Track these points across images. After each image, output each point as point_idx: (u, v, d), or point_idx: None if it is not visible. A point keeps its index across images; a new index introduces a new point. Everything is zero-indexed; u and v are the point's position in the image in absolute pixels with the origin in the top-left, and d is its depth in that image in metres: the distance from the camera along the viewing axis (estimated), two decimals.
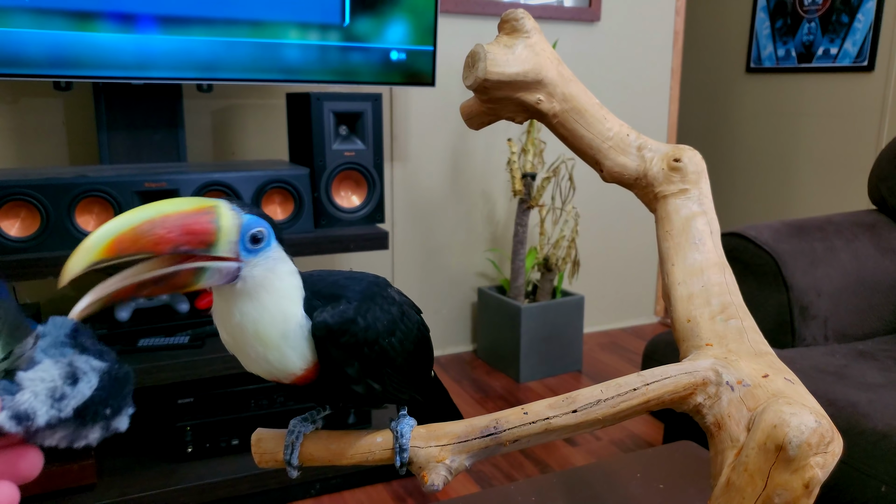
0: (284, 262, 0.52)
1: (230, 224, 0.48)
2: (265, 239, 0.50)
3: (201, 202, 0.47)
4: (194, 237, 0.46)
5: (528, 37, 0.69)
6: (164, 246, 0.45)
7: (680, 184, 0.70)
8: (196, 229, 0.46)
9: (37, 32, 1.53)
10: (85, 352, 0.42)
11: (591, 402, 0.56)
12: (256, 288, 0.50)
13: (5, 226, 1.44)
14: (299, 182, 1.68)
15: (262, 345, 0.51)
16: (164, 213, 0.45)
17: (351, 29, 1.80)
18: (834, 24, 2.98)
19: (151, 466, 1.61)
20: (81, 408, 0.40)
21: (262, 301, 0.50)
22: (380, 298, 0.57)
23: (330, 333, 0.52)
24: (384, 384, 0.57)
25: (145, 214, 0.45)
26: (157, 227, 0.45)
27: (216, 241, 0.47)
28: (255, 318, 0.50)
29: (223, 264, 0.48)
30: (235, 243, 0.48)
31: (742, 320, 0.62)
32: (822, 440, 0.49)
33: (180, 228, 0.45)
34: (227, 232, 0.48)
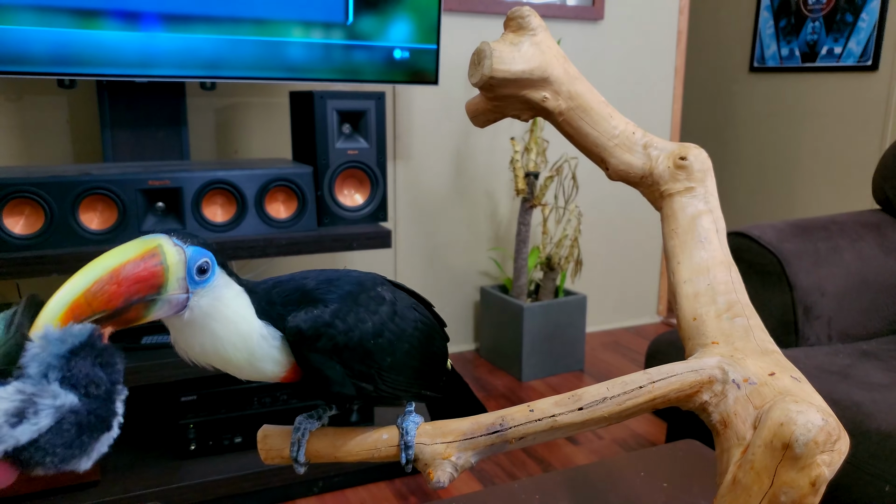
0: (229, 287, 0.52)
1: (176, 262, 0.49)
2: (210, 269, 0.51)
3: (145, 245, 0.48)
4: (144, 284, 0.47)
5: (535, 34, 0.69)
6: (116, 301, 0.46)
7: (686, 182, 0.70)
8: (144, 276, 0.47)
9: (41, 30, 1.53)
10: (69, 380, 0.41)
11: (598, 400, 0.56)
12: (204, 318, 0.51)
13: (9, 223, 1.44)
14: (302, 180, 1.68)
15: (233, 366, 0.53)
16: (111, 268, 0.46)
17: (354, 27, 1.79)
18: (838, 23, 2.98)
19: (154, 464, 1.61)
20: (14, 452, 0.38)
21: (213, 331, 0.51)
22: (365, 299, 0.56)
23: (303, 338, 0.52)
24: (376, 384, 0.57)
25: (93, 275, 0.46)
26: (106, 284, 0.46)
27: (165, 282, 0.48)
28: (214, 346, 0.52)
29: (172, 297, 0.49)
30: (183, 279, 0.49)
31: (748, 318, 0.62)
32: (829, 438, 0.49)
33: (130, 280, 0.47)
34: (174, 271, 0.49)
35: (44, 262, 1.44)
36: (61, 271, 1.45)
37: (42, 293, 1.64)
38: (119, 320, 0.48)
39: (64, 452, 0.40)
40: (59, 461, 0.40)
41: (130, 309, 0.48)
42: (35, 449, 0.39)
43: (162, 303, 0.49)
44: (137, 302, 0.47)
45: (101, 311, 0.46)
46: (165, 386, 1.64)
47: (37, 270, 1.44)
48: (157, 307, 0.49)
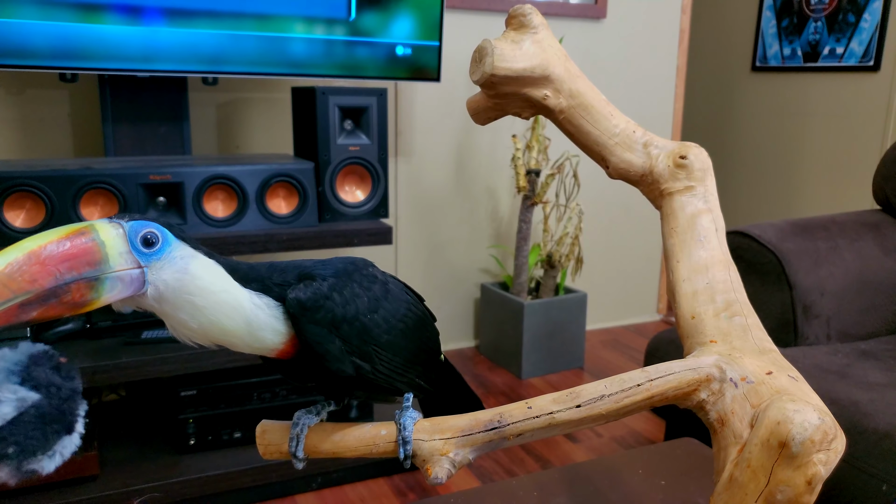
0: (195, 259, 0.50)
1: (112, 236, 0.46)
2: (160, 240, 0.48)
3: (73, 227, 0.46)
4: (76, 260, 0.45)
5: (536, 32, 0.69)
6: (43, 280, 0.44)
7: (686, 181, 0.70)
8: (74, 253, 0.45)
9: (43, 24, 1.53)
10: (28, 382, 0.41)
11: (595, 398, 0.57)
12: (176, 293, 0.48)
13: (10, 217, 1.44)
14: (304, 176, 1.68)
15: (234, 336, 0.51)
16: (28, 249, 0.44)
17: (357, 23, 1.79)
18: (840, 23, 2.97)
19: (154, 458, 1.61)
20: None
21: (193, 304, 0.49)
22: (358, 276, 0.57)
23: (304, 309, 0.52)
24: (374, 363, 0.57)
25: (8, 257, 0.43)
26: (25, 265, 0.43)
27: (103, 257, 0.46)
28: (206, 319, 0.49)
29: (122, 273, 0.46)
30: (128, 252, 0.47)
31: (746, 317, 0.62)
32: (826, 437, 0.49)
33: (55, 259, 0.44)
34: (112, 245, 0.46)
35: None
36: None
37: None
38: (62, 303, 0.45)
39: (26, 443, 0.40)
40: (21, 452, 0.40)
41: (71, 290, 0.45)
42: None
43: (112, 281, 0.46)
44: (74, 280, 0.45)
45: (23, 293, 0.43)
46: (165, 381, 1.65)
47: None
48: (106, 286, 0.46)
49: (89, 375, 1.45)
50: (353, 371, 0.56)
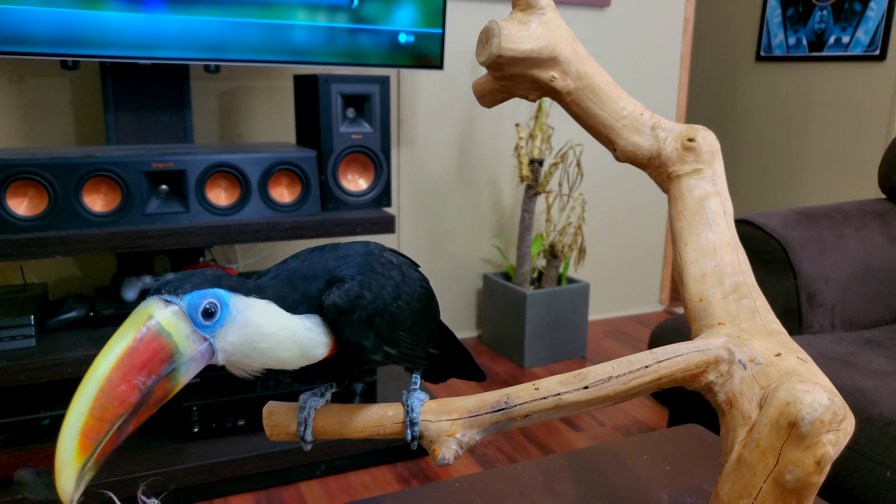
0: (252, 308, 0.50)
1: (174, 323, 0.46)
2: (218, 308, 0.48)
3: (136, 323, 0.45)
4: (154, 365, 0.45)
5: (543, 13, 0.68)
6: (131, 398, 0.44)
7: (694, 164, 0.69)
8: (148, 357, 0.45)
9: (44, 10, 1.52)
10: None
11: (603, 379, 0.56)
12: (243, 347, 0.49)
13: (13, 205, 1.44)
14: (306, 164, 1.68)
15: (287, 364, 0.53)
16: (109, 371, 0.43)
17: (359, 11, 1.78)
18: (846, 12, 2.95)
19: (158, 445, 1.62)
20: None
21: (261, 350, 0.50)
22: (378, 266, 0.58)
23: (341, 313, 0.53)
24: (399, 347, 0.58)
25: (93, 387, 0.43)
26: (110, 390, 0.43)
27: (174, 348, 0.46)
28: (267, 358, 0.51)
29: (192, 353, 0.47)
30: (192, 333, 0.47)
31: (755, 300, 0.62)
32: (835, 417, 0.49)
33: (134, 371, 0.44)
34: (177, 333, 0.46)
35: (47, 243, 1.44)
36: (65, 253, 1.46)
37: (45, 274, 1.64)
38: (149, 405, 0.46)
39: None
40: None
41: (154, 391, 0.45)
42: None
43: (186, 364, 0.46)
44: (155, 383, 0.45)
45: (120, 417, 0.43)
46: None
47: (40, 252, 1.44)
48: (182, 372, 0.46)
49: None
50: (384, 358, 0.58)
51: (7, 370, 1.38)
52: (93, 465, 0.44)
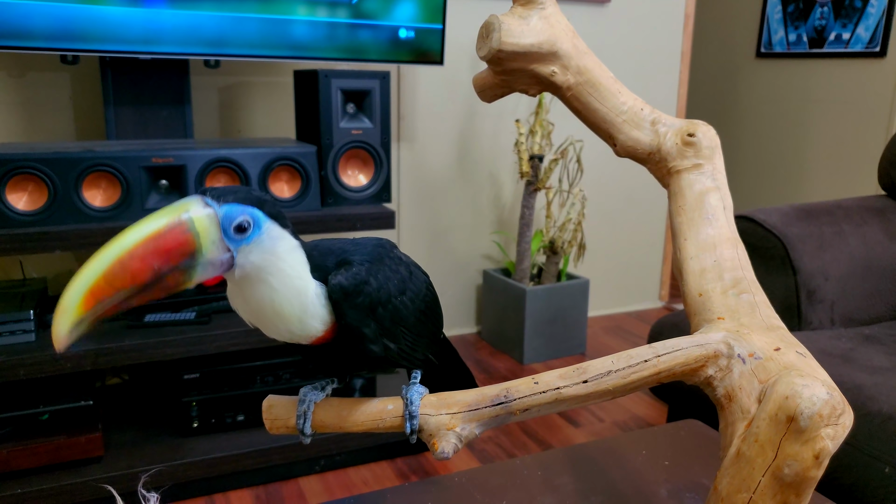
0: (283, 240, 0.51)
1: (207, 225, 0.46)
2: (251, 225, 0.48)
3: (172, 212, 0.46)
4: (174, 254, 0.45)
5: (544, 8, 0.68)
6: (143, 276, 0.45)
7: (694, 159, 0.69)
8: (171, 247, 0.45)
9: (44, 5, 1.52)
10: None
11: (602, 373, 0.56)
12: (260, 271, 0.49)
13: (13, 199, 1.44)
14: (306, 160, 1.68)
15: (284, 321, 0.52)
16: (132, 245, 0.44)
17: (360, 6, 1.78)
18: (847, 8, 2.95)
19: (158, 440, 1.62)
20: None
21: (270, 284, 0.50)
22: (388, 259, 0.58)
23: (346, 295, 0.53)
24: (399, 343, 0.58)
25: (111, 255, 0.44)
26: (127, 262, 0.44)
27: (197, 247, 0.46)
28: (269, 300, 0.51)
29: (213, 258, 0.47)
30: (219, 241, 0.47)
31: (754, 295, 0.62)
32: (834, 412, 0.49)
33: (154, 253, 0.44)
34: (206, 235, 0.46)
35: (47, 238, 1.44)
36: (64, 248, 1.46)
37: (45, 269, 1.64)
38: (156, 289, 0.46)
39: None
40: None
41: (166, 278, 0.46)
42: None
43: (203, 266, 0.47)
44: (170, 272, 0.46)
45: (126, 289, 0.44)
46: (168, 364, 1.65)
47: (40, 247, 1.44)
48: (197, 272, 0.47)
49: (93, 358, 1.45)
50: (383, 352, 0.57)
51: (6, 365, 1.39)
52: (89, 322, 0.45)
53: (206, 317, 1.61)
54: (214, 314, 1.64)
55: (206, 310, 1.63)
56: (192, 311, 1.62)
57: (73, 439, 1.48)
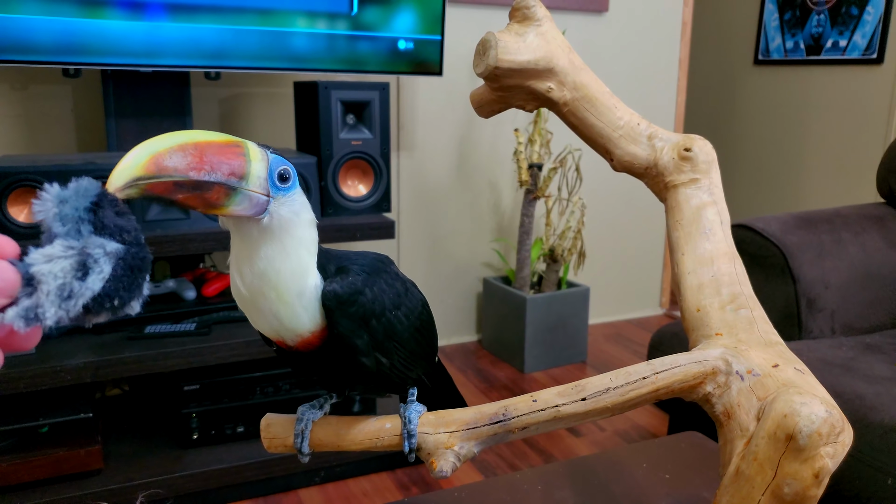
0: (307, 210, 0.53)
1: (259, 160, 0.49)
2: (291, 179, 0.51)
3: (230, 137, 0.48)
4: (227, 166, 0.47)
5: (540, 25, 0.69)
6: (199, 170, 0.46)
7: (690, 173, 0.69)
8: (229, 159, 0.47)
9: (46, 19, 1.53)
10: (102, 231, 0.41)
11: (601, 391, 0.56)
12: (281, 229, 0.51)
13: (14, 212, 1.44)
14: (306, 170, 1.68)
15: (279, 297, 0.52)
16: (198, 140, 0.46)
17: (359, 18, 1.79)
18: (843, 16, 2.96)
19: (157, 452, 1.62)
20: (89, 303, 0.39)
21: (285, 245, 0.51)
22: (385, 274, 0.58)
23: (339, 303, 0.53)
24: (392, 359, 0.57)
25: (181, 139, 0.45)
26: (192, 151, 0.45)
27: (247, 173, 0.48)
28: (277, 266, 0.51)
29: (254, 193, 0.49)
30: (265, 179, 0.49)
31: (752, 310, 0.62)
32: (833, 430, 0.49)
33: (214, 156, 0.46)
34: (256, 166, 0.48)
35: None
36: None
37: None
38: (201, 198, 0.47)
39: (125, 295, 0.41)
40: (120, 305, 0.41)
41: (213, 189, 0.46)
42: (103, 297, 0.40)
43: (243, 196, 0.48)
44: (219, 182, 0.46)
45: (180, 174, 0.45)
46: (168, 375, 1.65)
47: None
48: (238, 198, 0.48)
49: (93, 370, 1.45)
50: (375, 366, 0.56)
51: (6, 377, 1.39)
52: (142, 188, 0.45)
53: (207, 328, 1.61)
54: (215, 325, 1.64)
55: (207, 321, 1.63)
56: (193, 322, 1.62)
57: (73, 452, 1.48)
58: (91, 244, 0.40)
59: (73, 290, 0.38)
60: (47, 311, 0.37)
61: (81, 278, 0.39)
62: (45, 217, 0.41)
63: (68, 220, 0.40)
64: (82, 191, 0.42)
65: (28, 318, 0.37)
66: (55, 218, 0.40)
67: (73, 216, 0.40)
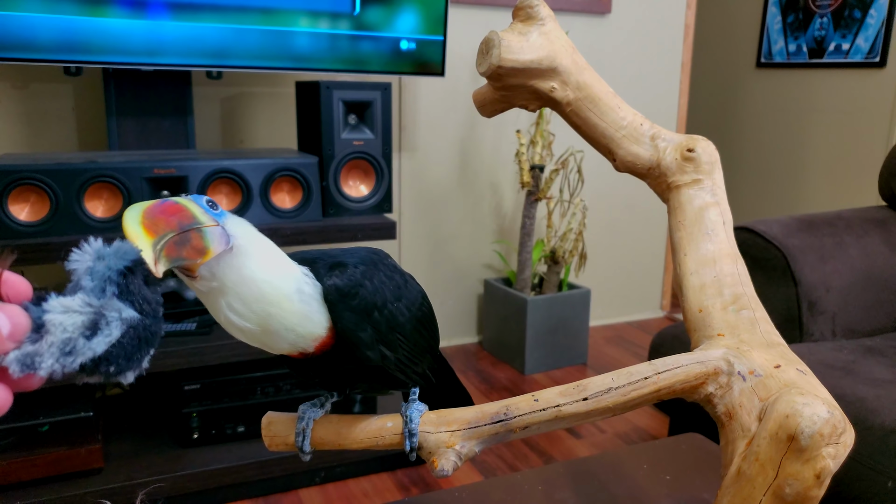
0: (244, 220, 0.52)
1: (189, 201, 0.49)
2: (218, 206, 0.50)
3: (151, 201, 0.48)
4: (180, 214, 0.47)
5: (543, 24, 0.69)
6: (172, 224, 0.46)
7: (693, 174, 0.69)
8: (174, 210, 0.47)
9: (48, 17, 1.53)
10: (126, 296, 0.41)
11: (602, 391, 0.56)
12: (248, 243, 0.50)
13: (15, 210, 1.44)
14: (308, 170, 1.68)
15: (284, 309, 0.51)
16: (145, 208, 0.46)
17: (361, 18, 1.79)
18: (846, 19, 2.96)
19: (158, 452, 1.62)
20: (87, 363, 0.39)
21: (259, 256, 0.50)
22: (382, 266, 0.58)
23: (342, 296, 0.52)
24: (396, 352, 0.57)
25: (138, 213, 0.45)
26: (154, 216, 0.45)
27: (193, 213, 0.48)
28: (265, 277, 0.50)
29: (213, 228, 0.48)
30: (205, 212, 0.49)
31: (754, 311, 0.62)
32: (835, 431, 0.49)
33: (167, 212, 0.46)
34: (191, 206, 0.48)
35: (49, 249, 1.44)
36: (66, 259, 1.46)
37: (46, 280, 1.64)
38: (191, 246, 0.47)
39: (124, 364, 0.40)
40: (116, 372, 0.40)
41: (191, 235, 0.47)
42: (101, 360, 0.39)
43: (209, 232, 0.48)
44: (190, 228, 0.47)
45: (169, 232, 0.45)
46: (169, 375, 1.65)
47: (42, 258, 1.44)
48: (209, 236, 0.48)
49: None
50: (380, 359, 0.56)
51: None
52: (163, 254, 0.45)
53: (207, 328, 1.61)
54: (215, 325, 1.64)
55: (207, 320, 1.63)
56: (193, 321, 1.62)
57: (73, 451, 1.48)
58: (110, 306, 0.40)
59: (77, 347, 0.38)
60: (44, 361, 0.37)
61: (88, 337, 0.39)
62: (77, 268, 0.40)
63: (97, 277, 0.41)
64: (121, 252, 0.42)
65: (24, 364, 0.37)
66: (87, 271, 0.40)
67: (103, 274, 0.41)
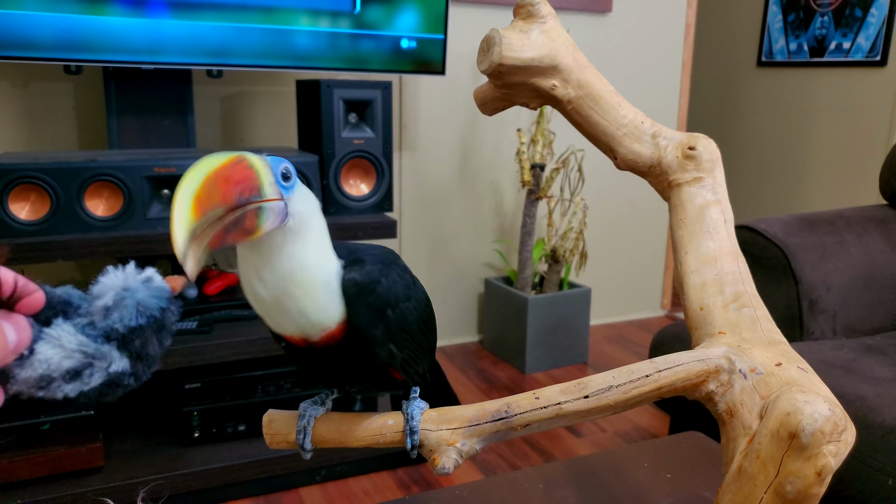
0: (312, 197, 0.53)
1: (262, 165, 0.48)
2: (293, 175, 0.50)
3: (228, 155, 0.47)
4: (245, 185, 0.46)
5: (544, 22, 0.69)
6: (229, 198, 0.46)
7: (694, 172, 0.69)
8: (243, 176, 0.46)
9: (48, 15, 1.53)
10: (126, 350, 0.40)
11: (603, 388, 0.56)
12: (302, 225, 0.50)
13: (15, 209, 1.44)
14: (308, 169, 1.68)
15: (306, 294, 0.51)
16: (212, 170, 0.45)
17: (361, 16, 1.79)
18: (847, 18, 2.96)
19: (159, 450, 1.62)
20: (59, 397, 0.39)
21: (307, 240, 0.51)
22: (395, 266, 0.58)
23: (359, 291, 0.53)
24: (402, 351, 0.57)
25: (201, 175, 0.45)
26: (215, 183, 0.45)
27: (261, 184, 0.47)
28: (304, 262, 0.50)
29: (275, 204, 0.48)
30: (273, 183, 0.48)
31: (755, 309, 0.62)
32: (836, 428, 0.49)
33: (231, 180, 0.46)
34: (263, 174, 0.48)
35: (49, 247, 1.44)
36: (66, 257, 1.46)
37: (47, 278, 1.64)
38: (241, 229, 0.46)
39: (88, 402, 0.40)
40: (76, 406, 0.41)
41: (246, 215, 0.46)
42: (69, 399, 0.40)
43: (267, 210, 0.47)
44: (247, 203, 0.46)
45: (218, 207, 0.45)
46: (170, 373, 1.65)
47: (42, 256, 1.44)
48: (265, 215, 0.47)
49: None
50: (388, 357, 0.56)
51: None
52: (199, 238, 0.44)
53: (208, 326, 1.61)
54: (216, 324, 1.64)
55: (208, 319, 1.63)
56: (194, 320, 1.62)
57: (74, 449, 1.48)
58: (102, 356, 0.40)
59: (51, 386, 0.38)
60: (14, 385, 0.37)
61: (67, 381, 0.38)
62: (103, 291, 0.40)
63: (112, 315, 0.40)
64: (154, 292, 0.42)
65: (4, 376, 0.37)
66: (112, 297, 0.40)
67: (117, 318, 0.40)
